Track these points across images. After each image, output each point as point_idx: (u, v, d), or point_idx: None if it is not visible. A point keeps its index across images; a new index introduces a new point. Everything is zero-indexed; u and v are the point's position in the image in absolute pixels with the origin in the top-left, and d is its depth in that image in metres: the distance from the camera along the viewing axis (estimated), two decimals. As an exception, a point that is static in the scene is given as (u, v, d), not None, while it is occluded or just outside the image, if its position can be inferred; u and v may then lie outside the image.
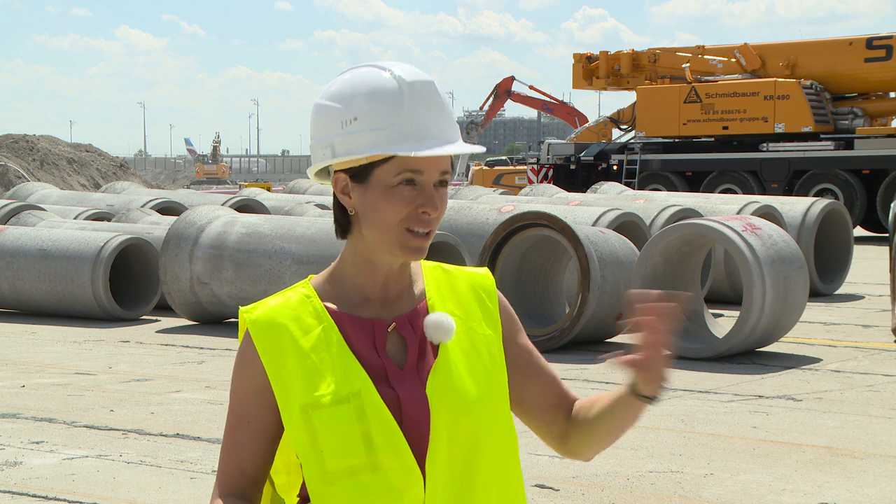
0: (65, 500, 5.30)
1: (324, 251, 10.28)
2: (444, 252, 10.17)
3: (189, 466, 5.82)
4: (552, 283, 10.13)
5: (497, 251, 9.74)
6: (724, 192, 24.28)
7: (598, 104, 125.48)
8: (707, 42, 36.07)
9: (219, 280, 10.76)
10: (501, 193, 19.33)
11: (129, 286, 12.13)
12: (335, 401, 1.88)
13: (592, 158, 27.69)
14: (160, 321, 11.43)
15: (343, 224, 1.98)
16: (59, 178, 34.24)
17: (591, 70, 29.26)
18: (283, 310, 1.96)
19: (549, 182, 26.67)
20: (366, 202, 1.91)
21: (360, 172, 1.91)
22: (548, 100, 37.94)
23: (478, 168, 40.97)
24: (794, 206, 13.93)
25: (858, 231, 23.36)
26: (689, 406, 7.25)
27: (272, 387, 1.93)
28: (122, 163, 39.70)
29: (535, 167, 28.94)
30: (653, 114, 26.54)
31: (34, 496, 5.36)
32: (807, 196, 22.06)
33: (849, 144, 24.42)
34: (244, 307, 1.99)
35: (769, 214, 13.10)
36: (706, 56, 27.26)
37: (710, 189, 25.02)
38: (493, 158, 52.13)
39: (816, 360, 8.93)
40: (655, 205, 13.04)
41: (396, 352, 1.95)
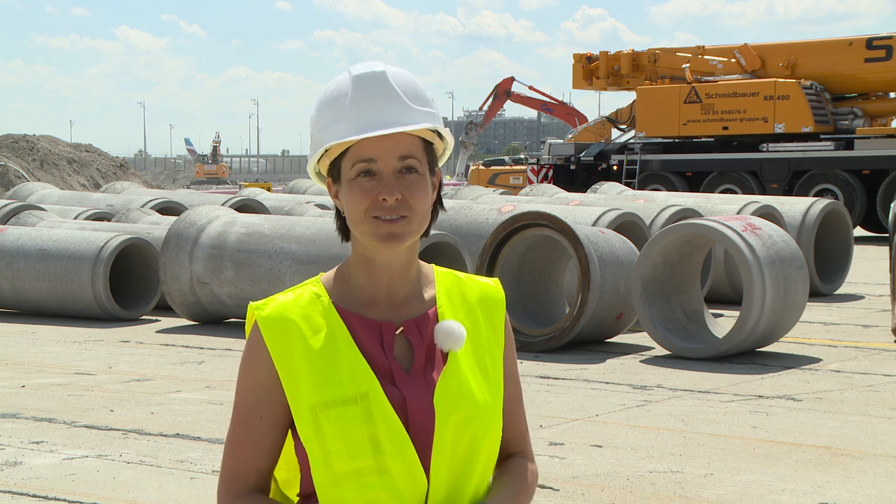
0: (65, 500, 5.30)
1: (324, 251, 10.28)
2: (444, 252, 10.17)
3: (189, 466, 5.82)
4: (552, 283, 10.13)
5: (497, 251, 9.74)
6: (724, 193, 24.27)
7: (598, 104, 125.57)
8: (707, 42, 36.15)
9: (219, 280, 10.76)
10: (501, 193, 19.33)
11: (129, 286, 12.13)
12: (343, 401, 1.89)
13: (592, 159, 27.69)
14: (160, 321, 11.42)
15: (343, 228, 2.02)
16: (59, 178, 34.24)
17: (591, 70, 29.27)
18: (294, 307, 1.96)
19: (549, 182, 26.67)
20: (343, 200, 1.95)
21: (335, 173, 1.97)
22: (547, 100, 37.97)
23: (475, 168, 41.03)
24: (794, 206, 13.93)
25: (858, 231, 23.37)
26: (689, 406, 7.24)
27: (283, 384, 1.93)
28: (122, 163, 39.72)
29: (535, 167, 28.96)
30: (653, 114, 26.54)
31: (34, 496, 5.36)
32: (807, 196, 22.06)
33: (849, 145, 24.42)
34: (254, 303, 1.98)
35: (769, 214, 13.10)
36: (706, 56, 27.26)
37: (710, 189, 25.02)
38: (492, 158, 52.15)
39: (816, 360, 8.93)
40: (655, 205, 13.04)
41: (403, 355, 1.96)
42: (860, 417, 6.93)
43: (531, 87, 37.69)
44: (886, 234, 15.73)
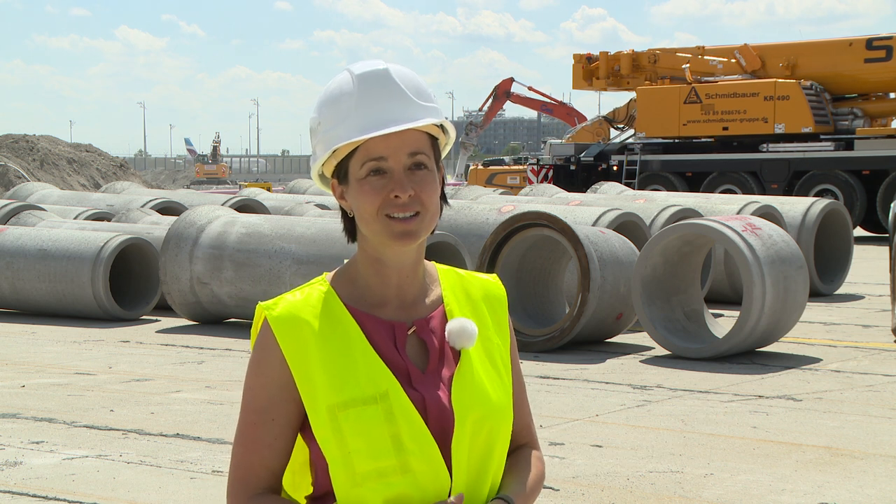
0: (65, 500, 5.30)
1: (324, 251, 10.28)
2: (445, 252, 10.17)
3: (189, 466, 5.82)
4: (552, 283, 10.13)
5: (497, 251, 9.74)
6: (724, 193, 24.27)
7: (598, 104, 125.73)
8: (706, 42, 36.24)
9: (219, 280, 10.76)
10: (501, 193, 19.33)
11: (129, 286, 12.13)
12: (363, 401, 1.87)
13: (592, 159, 27.70)
14: (160, 321, 11.42)
15: (349, 228, 2.01)
16: (59, 178, 34.24)
17: (591, 70, 29.28)
18: (305, 307, 1.94)
19: (549, 182, 26.67)
20: (352, 200, 1.94)
21: (342, 173, 1.95)
22: (547, 100, 37.99)
23: (474, 168, 41.09)
24: (794, 206, 13.93)
25: (858, 231, 23.36)
26: (689, 406, 7.24)
27: (297, 385, 1.91)
28: (122, 163, 39.72)
29: (535, 167, 28.96)
30: (653, 114, 26.54)
31: (34, 496, 5.36)
32: (807, 197, 22.07)
33: (849, 145, 24.42)
34: (264, 303, 1.96)
35: (769, 214, 13.10)
36: (706, 56, 27.26)
37: (710, 190, 25.02)
38: (491, 158, 52.20)
39: (816, 360, 8.93)
40: (655, 205, 13.04)
41: (416, 355, 1.95)
42: (860, 417, 6.93)
43: (530, 88, 37.72)
44: (886, 235, 15.72)
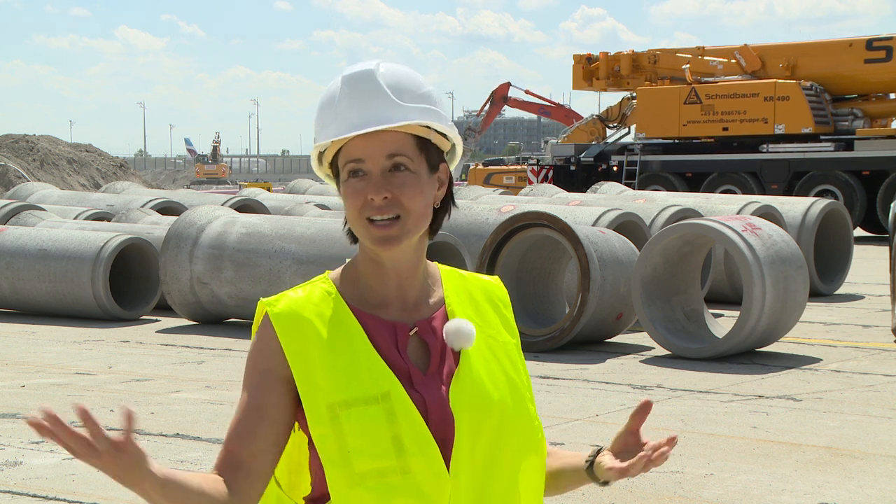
0: (65, 500, 5.30)
1: (324, 251, 10.28)
2: (445, 252, 10.17)
3: (189, 466, 5.82)
4: (552, 283, 10.13)
5: (497, 251, 9.74)
6: (724, 194, 24.27)
7: (598, 105, 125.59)
8: (706, 42, 36.32)
9: (219, 280, 10.76)
10: (501, 193, 19.33)
11: (129, 286, 12.13)
12: (365, 401, 1.86)
13: (592, 159, 27.71)
14: (160, 321, 11.42)
15: (351, 230, 2.00)
16: (59, 178, 34.24)
17: (591, 71, 29.29)
18: (307, 304, 1.93)
19: (549, 183, 26.68)
20: (343, 203, 1.95)
21: (335, 175, 1.96)
22: (545, 103, 38.00)
23: (473, 168, 41.15)
24: (794, 207, 13.94)
25: (858, 232, 23.36)
26: (689, 406, 7.25)
27: (296, 382, 1.90)
28: (122, 163, 39.73)
29: (535, 168, 28.98)
30: (653, 115, 26.55)
31: (34, 496, 5.36)
32: (807, 197, 22.07)
33: (849, 145, 24.43)
34: (265, 299, 1.95)
35: (769, 214, 13.10)
36: (706, 57, 27.27)
37: (711, 190, 25.02)
38: (491, 158, 52.27)
39: (816, 360, 8.93)
40: (655, 205, 13.05)
41: (417, 356, 1.94)
42: (860, 417, 6.93)
43: (528, 91, 37.74)
44: (886, 235, 15.72)
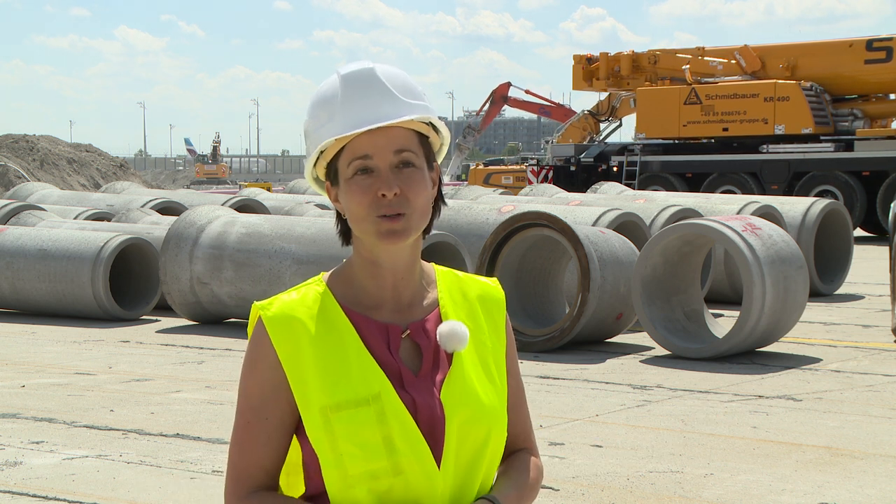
0: (65, 500, 5.30)
1: (324, 251, 10.28)
2: (445, 252, 10.17)
3: (189, 466, 5.82)
4: (552, 283, 10.13)
5: (497, 251, 9.74)
6: (725, 194, 24.28)
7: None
8: (706, 42, 36.41)
9: (219, 280, 10.76)
10: (501, 193, 19.33)
11: (129, 286, 12.13)
12: (355, 403, 1.87)
13: (592, 160, 27.71)
14: (160, 321, 11.42)
15: (343, 231, 2.00)
16: (59, 178, 34.24)
17: (592, 71, 29.30)
18: (300, 307, 1.94)
19: (550, 183, 26.69)
20: (343, 201, 1.94)
21: (332, 174, 1.95)
22: (545, 103, 38.00)
23: (474, 168, 41.18)
24: (794, 207, 13.93)
25: (858, 233, 23.35)
26: (689, 406, 7.25)
27: (290, 385, 1.91)
28: (122, 163, 39.73)
29: (535, 168, 28.99)
30: (653, 115, 26.54)
31: (34, 496, 5.36)
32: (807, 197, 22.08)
33: (849, 146, 24.42)
34: (259, 302, 1.96)
35: (769, 214, 13.10)
36: (706, 57, 27.28)
37: (711, 191, 25.01)
38: (491, 158, 52.31)
39: (816, 360, 8.93)
40: (655, 205, 13.04)
41: (409, 358, 1.95)
42: (860, 417, 6.93)
43: (528, 91, 37.74)
44: (886, 235, 15.72)
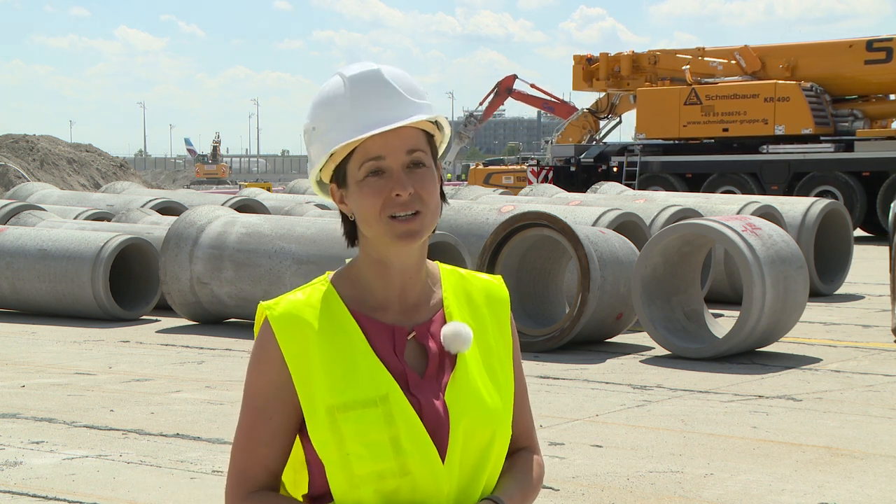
0: (65, 500, 5.29)
1: (324, 251, 10.28)
2: (445, 252, 10.17)
3: (189, 466, 5.82)
4: (552, 283, 10.13)
5: (497, 251, 9.74)
6: (725, 194, 24.28)
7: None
8: (705, 42, 36.51)
9: (219, 280, 10.76)
10: (501, 193, 19.33)
11: (129, 286, 12.13)
12: (363, 404, 1.87)
13: (592, 160, 27.71)
14: (160, 321, 11.42)
15: (350, 232, 1.99)
16: (59, 178, 34.24)
17: (592, 72, 29.29)
18: (306, 307, 1.94)
19: (550, 184, 26.69)
20: (352, 204, 1.93)
21: (340, 177, 1.94)
22: (549, 98, 37.97)
23: (474, 168, 41.17)
24: (794, 207, 13.93)
25: (858, 233, 23.35)
26: (689, 406, 7.24)
27: (295, 385, 1.91)
28: (122, 163, 39.74)
29: (536, 168, 28.99)
30: (653, 116, 26.54)
31: (34, 496, 5.36)
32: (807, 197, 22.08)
33: (849, 146, 24.42)
34: (265, 302, 1.95)
35: (769, 214, 13.10)
36: (706, 58, 27.28)
37: (710, 191, 25.00)
38: (491, 158, 52.30)
39: (816, 360, 8.93)
40: (655, 205, 13.04)
41: (414, 359, 1.95)
42: (860, 417, 6.93)
43: (533, 86, 37.70)
44: (886, 235, 15.72)
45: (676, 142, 26.71)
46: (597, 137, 30.45)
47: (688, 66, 26.77)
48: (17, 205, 15.16)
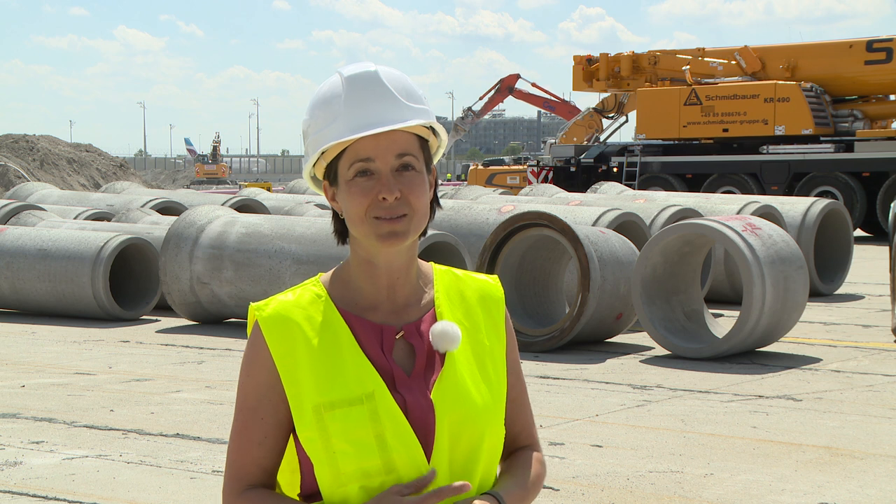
0: (65, 500, 5.29)
1: (324, 251, 10.28)
2: (445, 252, 10.17)
3: (189, 466, 5.82)
4: (552, 283, 10.13)
5: (497, 251, 9.74)
6: (725, 194, 24.27)
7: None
8: (705, 41, 36.64)
9: (219, 280, 10.76)
10: (501, 193, 19.33)
11: (129, 286, 12.13)
12: (348, 402, 1.88)
13: (592, 161, 27.70)
14: (160, 321, 11.42)
15: (340, 231, 2.01)
16: (59, 178, 34.24)
17: (592, 72, 29.30)
18: (295, 308, 1.96)
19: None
20: (341, 202, 1.95)
21: (332, 175, 1.96)
22: (549, 98, 37.93)
23: (474, 168, 41.10)
24: (794, 207, 13.93)
25: (858, 233, 23.35)
26: (689, 406, 7.24)
27: (283, 385, 1.93)
28: (122, 163, 39.75)
29: (535, 169, 28.97)
30: (653, 116, 26.54)
31: (34, 496, 5.35)
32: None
33: (849, 147, 24.43)
34: (255, 303, 1.98)
35: (769, 214, 13.10)
36: (706, 58, 27.28)
37: (710, 192, 25.00)
38: (491, 158, 52.29)
39: (816, 360, 8.93)
40: (655, 205, 13.04)
41: (404, 358, 1.96)
42: (860, 417, 6.93)
43: (534, 85, 37.65)
44: (886, 236, 15.71)
45: (676, 142, 26.71)
46: (601, 138, 30.38)
47: (688, 67, 26.76)
48: (17, 205, 15.16)
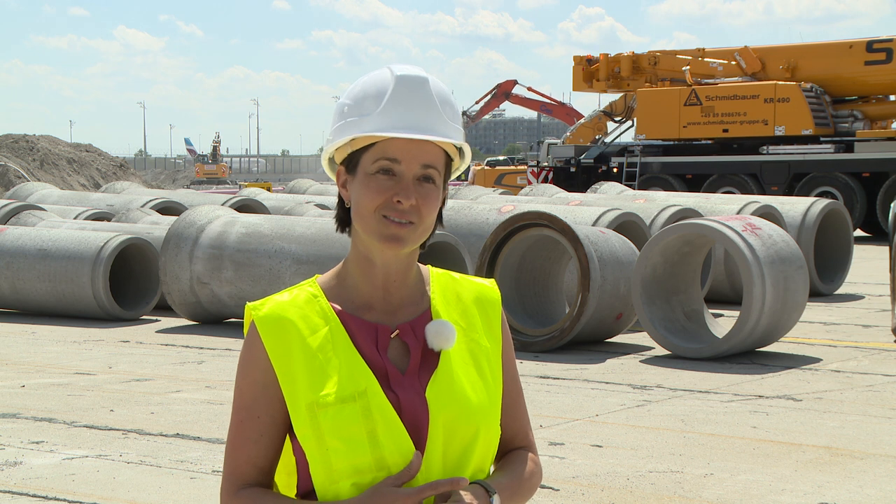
0: (65, 500, 5.29)
1: (324, 251, 10.28)
2: (445, 252, 10.17)
3: (189, 466, 5.82)
4: (552, 283, 10.13)
5: (497, 251, 9.74)
6: (724, 194, 24.26)
7: (599, 106, 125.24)
8: (704, 41, 36.65)
9: (219, 280, 10.76)
10: (501, 193, 19.33)
11: (129, 286, 12.13)
12: (340, 399, 1.90)
13: (592, 161, 27.69)
14: (160, 321, 11.42)
15: (342, 219, 2.01)
16: (59, 178, 34.25)
17: (591, 72, 29.28)
18: (291, 308, 1.97)
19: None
20: (353, 192, 1.95)
21: (351, 162, 1.96)
22: (547, 101, 37.95)
23: (479, 168, 41.01)
24: (794, 207, 13.93)
25: (858, 233, 23.35)
26: (689, 406, 7.24)
27: (280, 384, 1.94)
28: (122, 163, 39.76)
29: (535, 169, 28.95)
30: (653, 116, 26.54)
31: (34, 496, 5.35)
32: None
33: (849, 147, 24.43)
34: (251, 303, 1.99)
35: (769, 214, 13.10)
36: (706, 59, 27.27)
37: (710, 192, 25.00)
38: (493, 158, 52.22)
39: (816, 360, 8.93)
40: (655, 205, 13.04)
41: (398, 357, 1.97)
42: (860, 417, 6.93)
43: (530, 89, 37.70)
44: (886, 236, 15.72)
45: (676, 142, 26.71)
46: (606, 140, 30.29)
47: (688, 67, 26.76)
48: (17, 205, 15.16)
